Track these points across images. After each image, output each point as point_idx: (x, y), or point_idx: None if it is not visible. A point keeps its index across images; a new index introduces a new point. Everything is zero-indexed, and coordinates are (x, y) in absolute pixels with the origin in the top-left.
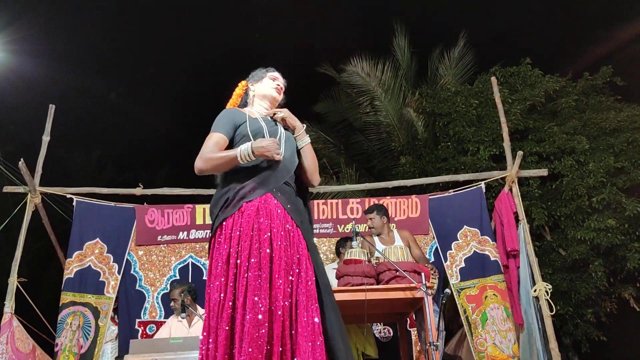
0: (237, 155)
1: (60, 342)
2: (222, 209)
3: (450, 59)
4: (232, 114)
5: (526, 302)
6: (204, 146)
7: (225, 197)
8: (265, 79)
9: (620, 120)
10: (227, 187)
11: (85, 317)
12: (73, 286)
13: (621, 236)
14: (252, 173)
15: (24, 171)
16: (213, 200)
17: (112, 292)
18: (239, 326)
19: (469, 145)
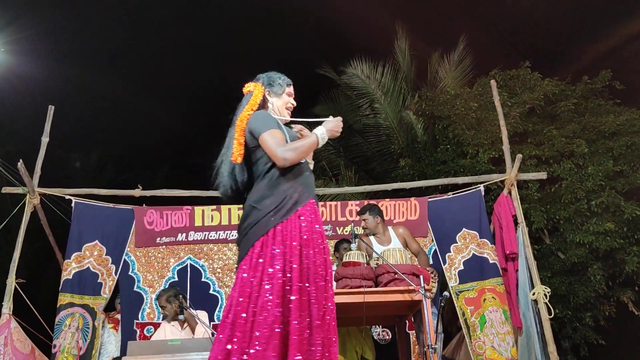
0: (316, 140)
1: (59, 343)
2: (275, 212)
3: (450, 62)
4: (270, 115)
5: (525, 305)
6: (275, 142)
7: (277, 200)
8: (284, 95)
9: (619, 124)
10: (277, 190)
11: (84, 319)
12: (72, 287)
13: (620, 240)
14: (297, 177)
15: (22, 172)
16: (256, 200)
17: (108, 292)
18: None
19: (468, 148)
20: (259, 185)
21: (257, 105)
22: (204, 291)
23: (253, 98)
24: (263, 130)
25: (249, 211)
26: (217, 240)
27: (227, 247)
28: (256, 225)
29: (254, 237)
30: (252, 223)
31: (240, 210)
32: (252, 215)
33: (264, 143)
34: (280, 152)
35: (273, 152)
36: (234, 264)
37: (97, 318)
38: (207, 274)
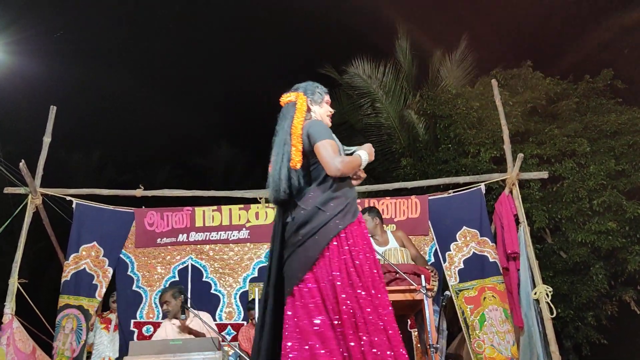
0: (361, 162)
1: (56, 345)
2: (343, 215)
3: (452, 61)
4: (326, 126)
5: (526, 305)
6: (331, 151)
7: (342, 204)
8: (324, 103)
9: (620, 123)
10: (340, 194)
11: (78, 320)
12: (69, 289)
13: (622, 239)
14: (352, 186)
15: (24, 172)
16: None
17: (102, 294)
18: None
19: (469, 148)
20: (319, 188)
21: (304, 113)
22: (205, 291)
23: (300, 107)
24: (320, 139)
25: (313, 213)
26: (218, 241)
27: (228, 247)
28: (325, 227)
29: (325, 239)
30: (319, 225)
31: (241, 211)
32: (317, 217)
33: (319, 151)
34: (335, 163)
35: (327, 161)
36: (235, 264)
37: (90, 320)
38: (209, 274)
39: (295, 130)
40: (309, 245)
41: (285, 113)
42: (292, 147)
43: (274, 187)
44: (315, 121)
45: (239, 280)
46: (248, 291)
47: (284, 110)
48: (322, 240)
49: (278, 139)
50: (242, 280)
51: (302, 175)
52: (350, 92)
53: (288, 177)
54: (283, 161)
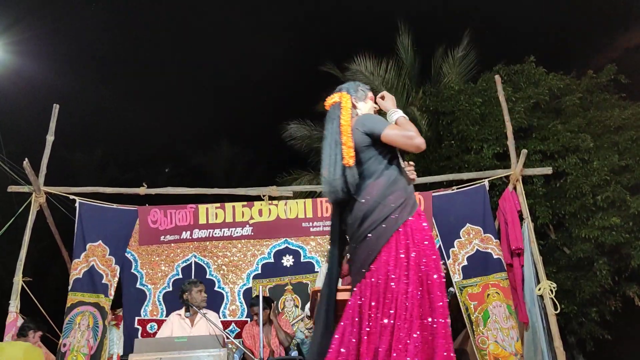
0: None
1: (69, 342)
2: (401, 209)
3: (454, 57)
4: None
5: (530, 301)
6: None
7: (401, 198)
8: (367, 99)
9: (624, 118)
10: (398, 188)
11: (94, 317)
12: (82, 286)
13: (626, 234)
14: (407, 178)
15: (28, 171)
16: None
17: (113, 293)
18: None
19: (472, 144)
20: (375, 183)
21: (350, 111)
22: (208, 288)
23: (345, 105)
24: (382, 128)
25: (374, 207)
26: (222, 238)
27: (232, 244)
28: (386, 221)
29: (387, 233)
30: (379, 219)
31: (244, 208)
32: (377, 210)
33: (390, 137)
34: (415, 139)
35: (405, 141)
36: (238, 261)
37: (106, 317)
38: (212, 271)
39: (345, 129)
40: (371, 240)
41: (332, 114)
42: (344, 146)
43: (331, 188)
44: (364, 115)
45: (242, 277)
46: (252, 288)
47: (329, 112)
48: (384, 235)
49: (328, 141)
50: (246, 277)
51: (358, 173)
52: None
53: (343, 176)
54: (337, 161)
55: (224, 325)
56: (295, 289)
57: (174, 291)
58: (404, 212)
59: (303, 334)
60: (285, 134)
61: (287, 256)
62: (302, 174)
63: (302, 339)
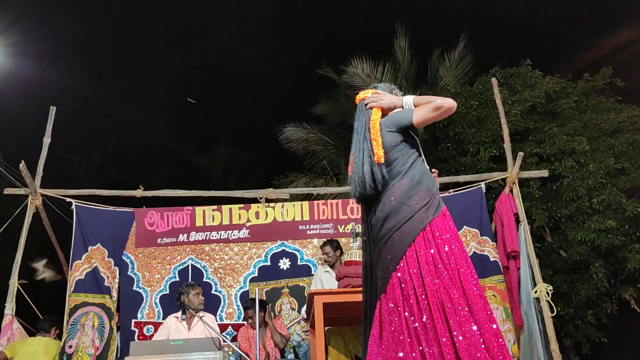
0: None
1: (74, 343)
2: (426, 208)
3: (451, 60)
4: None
5: (527, 304)
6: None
7: (426, 198)
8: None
9: (620, 121)
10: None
11: (100, 318)
12: (85, 287)
13: (621, 237)
14: (432, 179)
15: (24, 173)
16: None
17: (116, 295)
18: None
19: (469, 147)
20: (399, 184)
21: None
22: (206, 292)
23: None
24: (410, 115)
25: (397, 207)
26: (219, 240)
27: (229, 247)
28: (410, 221)
29: (413, 233)
30: (404, 219)
31: (241, 210)
32: (402, 211)
33: (421, 118)
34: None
35: (437, 113)
36: (235, 264)
37: (113, 318)
38: (209, 275)
39: (374, 125)
40: (396, 240)
41: (362, 109)
42: (373, 142)
43: (359, 184)
44: (389, 115)
45: (239, 280)
46: (249, 291)
47: (359, 107)
48: (409, 235)
49: (357, 136)
50: (243, 280)
51: (386, 171)
52: (349, 91)
53: (371, 172)
54: (364, 157)
55: (221, 329)
56: (292, 291)
57: (170, 294)
58: (429, 212)
59: (300, 336)
60: (282, 136)
61: (284, 259)
62: (298, 177)
63: (299, 342)
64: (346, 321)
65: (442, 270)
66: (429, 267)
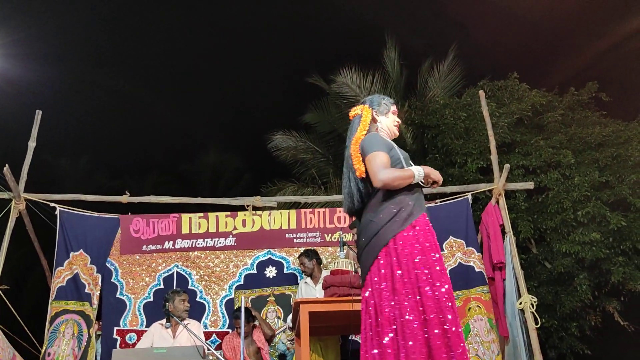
0: (413, 175)
1: (53, 351)
2: (392, 221)
3: (440, 72)
4: (382, 139)
5: (511, 315)
6: (376, 163)
7: (392, 214)
8: (390, 114)
9: (605, 135)
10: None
11: (79, 326)
12: (66, 294)
13: (606, 250)
14: (408, 193)
15: (8, 177)
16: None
17: (96, 302)
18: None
19: (456, 158)
20: (372, 201)
21: (368, 125)
22: (191, 299)
23: (364, 119)
24: (369, 152)
25: (366, 225)
26: (205, 248)
27: (215, 255)
28: (376, 237)
29: (376, 249)
30: (370, 236)
31: (228, 218)
32: (369, 228)
33: (367, 163)
34: (379, 175)
35: (373, 173)
36: (221, 272)
37: (91, 326)
38: (194, 282)
39: (355, 144)
40: (364, 256)
41: (352, 126)
42: (355, 158)
43: (348, 198)
44: (370, 135)
45: (224, 288)
46: (234, 299)
47: (351, 124)
48: (374, 251)
49: (346, 152)
50: (228, 287)
51: (370, 186)
52: (339, 101)
53: (357, 187)
54: (350, 173)
55: (205, 336)
56: (278, 300)
57: (155, 301)
58: (394, 226)
59: (285, 345)
60: (271, 144)
61: (270, 267)
62: (286, 185)
63: (284, 350)
64: (332, 330)
65: (400, 288)
66: (387, 284)
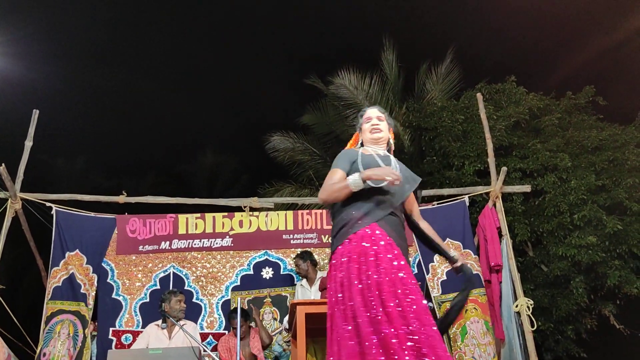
0: (347, 183)
1: (49, 351)
2: (335, 239)
3: (437, 74)
4: (348, 152)
5: (508, 318)
6: (325, 181)
7: (338, 226)
8: (364, 125)
9: (601, 139)
10: (340, 217)
11: (74, 326)
12: (62, 294)
13: (602, 253)
14: (360, 206)
15: (4, 176)
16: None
17: (92, 302)
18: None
19: (454, 160)
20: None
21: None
22: (187, 300)
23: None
24: (332, 168)
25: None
26: (201, 249)
27: (211, 255)
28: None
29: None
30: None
31: (225, 219)
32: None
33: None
34: (319, 194)
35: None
36: (217, 272)
37: (87, 326)
38: (190, 283)
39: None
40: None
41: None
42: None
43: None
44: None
45: (221, 289)
46: (230, 300)
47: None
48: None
49: None
50: (225, 288)
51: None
52: (336, 102)
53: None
54: None
55: (202, 338)
56: (274, 301)
57: (151, 302)
58: (335, 243)
59: (281, 347)
60: (269, 145)
61: (267, 268)
62: (283, 186)
63: (280, 352)
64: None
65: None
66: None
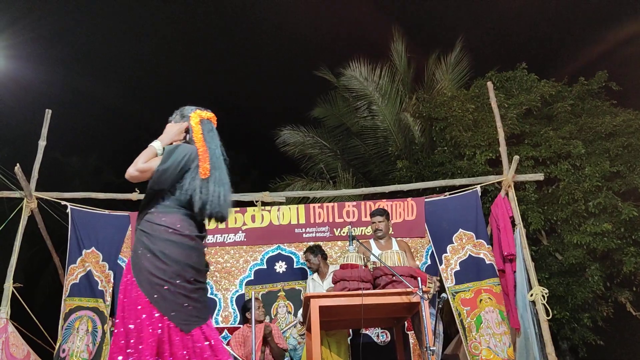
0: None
1: (68, 347)
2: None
3: (447, 63)
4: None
5: (523, 307)
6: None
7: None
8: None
9: (615, 125)
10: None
11: (93, 322)
12: (79, 291)
13: (617, 240)
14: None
15: (19, 176)
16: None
17: (109, 299)
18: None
19: (465, 150)
20: None
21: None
22: None
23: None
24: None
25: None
26: (214, 244)
27: (225, 250)
28: None
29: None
30: None
31: (237, 213)
32: None
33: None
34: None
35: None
36: (231, 267)
37: (106, 322)
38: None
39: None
40: None
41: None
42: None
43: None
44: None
45: (235, 284)
46: (244, 294)
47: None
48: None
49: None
50: (239, 283)
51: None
52: (347, 94)
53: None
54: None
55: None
56: (288, 295)
57: None
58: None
59: (295, 340)
60: (279, 139)
61: (280, 262)
62: (295, 180)
63: (295, 345)
64: (342, 324)
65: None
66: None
